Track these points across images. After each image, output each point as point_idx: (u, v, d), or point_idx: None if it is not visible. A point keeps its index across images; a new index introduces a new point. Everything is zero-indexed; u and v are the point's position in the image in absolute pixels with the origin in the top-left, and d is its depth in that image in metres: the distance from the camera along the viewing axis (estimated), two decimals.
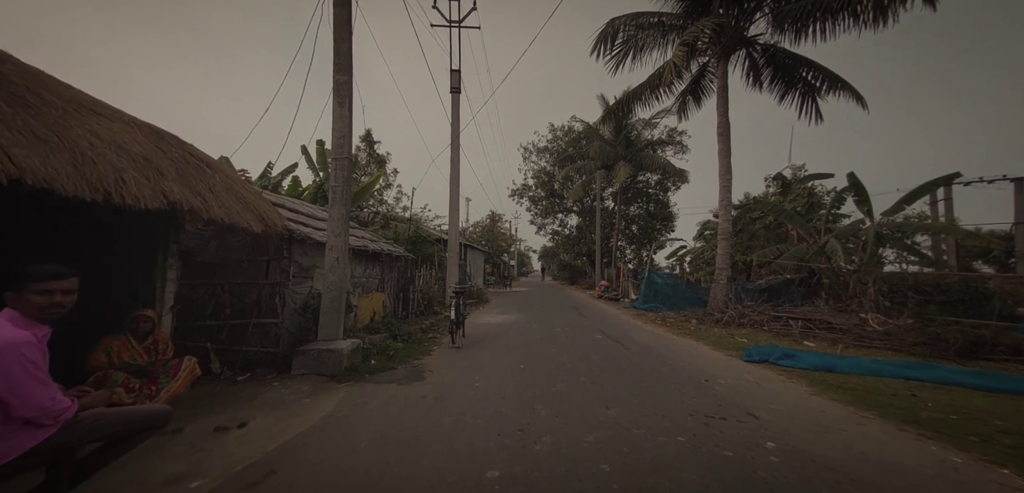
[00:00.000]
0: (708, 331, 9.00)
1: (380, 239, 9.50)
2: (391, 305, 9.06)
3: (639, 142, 26.64)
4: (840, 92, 11.45)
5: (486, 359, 6.04)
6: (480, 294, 17.46)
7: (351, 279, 7.18)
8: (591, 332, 8.83)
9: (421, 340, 7.26)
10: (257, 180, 12.47)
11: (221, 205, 3.62)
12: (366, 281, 7.78)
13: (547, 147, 31.40)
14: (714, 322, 9.88)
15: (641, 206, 30.74)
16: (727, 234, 11.94)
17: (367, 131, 16.94)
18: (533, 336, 8.14)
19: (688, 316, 11.06)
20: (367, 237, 8.53)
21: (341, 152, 5.33)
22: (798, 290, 12.02)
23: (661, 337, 8.36)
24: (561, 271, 41.27)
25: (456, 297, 7.24)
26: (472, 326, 9.58)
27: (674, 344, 7.53)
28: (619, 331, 9.04)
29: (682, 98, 14.68)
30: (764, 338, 7.97)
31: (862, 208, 10.66)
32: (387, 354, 5.89)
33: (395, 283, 9.29)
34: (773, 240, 14.70)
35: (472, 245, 26.02)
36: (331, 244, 5.29)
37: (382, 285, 8.57)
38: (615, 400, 4.14)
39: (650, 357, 6.30)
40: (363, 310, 7.50)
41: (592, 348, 6.94)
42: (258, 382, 4.46)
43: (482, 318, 11.28)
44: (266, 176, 12.62)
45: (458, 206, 14.14)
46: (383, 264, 8.60)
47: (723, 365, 5.85)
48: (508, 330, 8.94)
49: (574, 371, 5.34)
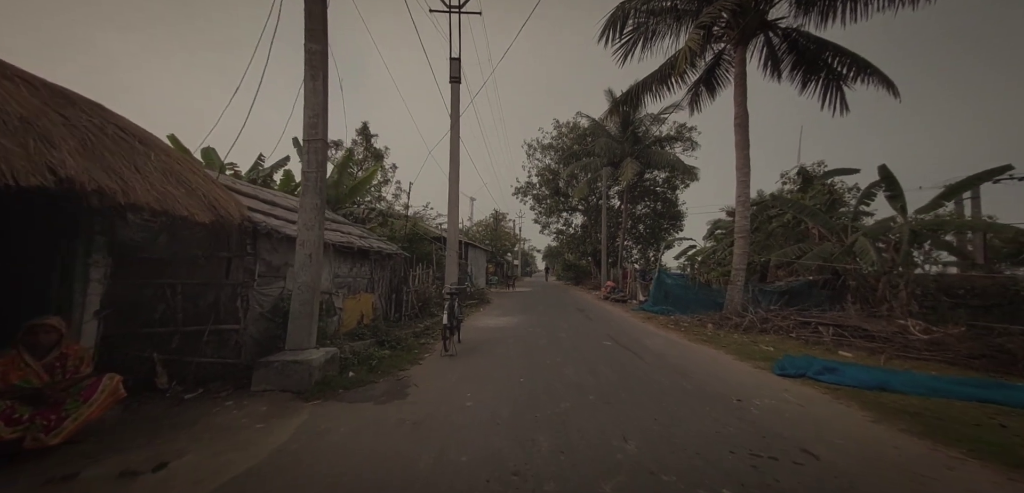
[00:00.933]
0: (727, 337, 8.22)
1: (371, 235, 8.83)
2: (382, 307, 8.38)
3: (647, 138, 25.79)
4: (869, 79, 10.59)
5: (481, 370, 5.33)
6: (481, 295, 16.75)
7: (335, 279, 6.51)
8: (598, 337, 8.09)
9: (411, 346, 6.57)
10: (247, 174, 11.87)
11: (150, 188, 2.95)
12: (353, 281, 7.11)
13: (552, 144, 30.63)
14: (733, 327, 9.09)
15: (648, 205, 29.87)
16: (745, 232, 11.13)
17: (363, 124, 16.31)
18: (535, 342, 7.42)
19: (703, 320, 10.27)
20: (355, 233, 7.87)
21: (314, 133, 4.64)
22: (821, 293, 11.19)
23: (676, 344, 7.60)
24: (565, 271, 40.49)
25: (450, 298, 6.53)
26: (470, 330, 8.88)
27: (692, 353, 6.77)
28: (629, 336, 8.28)
29: (694, 89, 13.87)
30: (792, 347, 7.18)
31: (894, 204, 9.80)
32: (369, 364, 5.20)
33: (387, 283, 8.61)
34: (792, 239, 13.84)
35: (474, 244, 25.34)
36: (303, 238, 4.61)
37: (372, 285, 7.89)
38: (633, 428, 3.40)
39: (667, 369, 5.55)
40: (349, 313, 6.82)
41: (601, 357, 6.20)
42: (210, 400, 3.78)
43: (481, 321, 10.58)
44: (257, 169, 12.01)
45: (457, 202, 13.44)
46: (373, 262, 7.92)
47: (754, 380, 5.08)
48: (508, 334, 8.22)
49: (581, 387, 4.61)
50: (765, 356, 6.42)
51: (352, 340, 6.05)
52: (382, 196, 16.89)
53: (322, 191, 4.73)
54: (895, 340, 6.78)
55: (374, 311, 7.84)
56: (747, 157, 11.21)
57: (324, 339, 5.44)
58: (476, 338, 7.78)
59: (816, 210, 11.70)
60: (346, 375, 4.70)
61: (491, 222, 41.63)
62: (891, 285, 9.79)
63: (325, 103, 4.71)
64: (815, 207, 11.84)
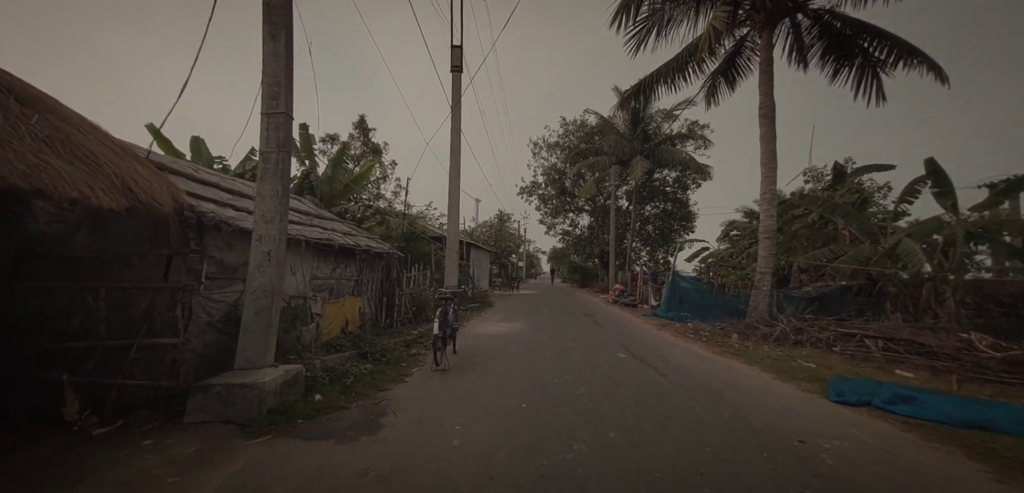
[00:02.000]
0: (758, 350, 7.28)
1: (360, 232, 8.03)
2: (372, 312, 7.58)
3: (657, 136, 24.80)
4: (912, 65, 9.58)
5: (477, 391, 4.48)
6: (483, 297, 15.91)
7: (313, 281, 5.71)
8: (611, 348, 7.20)
9: (399, 358, 5.74)
10: (237, 169, 11.15)
11: (18, 160, 2.17)
12: (336, 283, 6.30)
13: (558, 143, 29.74)
14: (761, 338, 8.14)
15: (657, 205, 28.84)
16: (771, 232, 10.16)
17: (361, 118, 15.53)
18: (540, 353, 6.55)
19: (726, 329, 9.32)
20: (340, 229, 7.09)
21: (275, 105, 3.84)
22: (856, 300, 10.18)
23: (701, 358, 6.68)
24: (571, 273, 39.53)
25: (444, 304, 5.69)
26: (469, 337, 8.04)
27: (723, 370, 5.85)
28: (646, 347, 7.38)
29: (712, 80, 12.91)
30: (837, 363, 6.23)
31: (943, 201, 8.79)
32: (343, 383, 4.37)
33: (378, 285, 7.81)
34: (818, 241, 12.81)
35: (477, 244, 24.53)
36: (260, 233, 3.80)
37: (359, 288, 7.09)
38: (673, 487, 2.53)
39: (699, 391, 4.65)
40: (330, 319, 6.01)
41: (617, 375, 5.32)
42: (124, 438, 2.98)
43: (482, 326, 9.74)
44: (248, 161, 11.29)
45: (458, 199, 12.62)
46: (360, 262, 7.12)
47: (808, 409, 4.17)
48: (511, 344, 7.37)
49: (597, 417, 3.74)
50: (809, 375, 5.49)
51: (330, 352, 5.24)
52: (381, 194, 16.15)
53: (285, 176, 3.92)
54: (962, 358, 5.80)
55: (361, 317, 7.03)
56: (774, 151, 10.25)
57: (294, 352, 4.64)
58: (474, 348, 6.94)
59: (850, 209, 10.68)
60: (311, 399, 3.88)
61: (496, 223, 40.86)
62: (937, 292, 8.78)
63: (289, 69, 3.90)
64: (848, 206, 10.81)
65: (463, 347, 7.02)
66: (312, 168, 11.47)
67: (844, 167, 12.34)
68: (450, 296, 6.10)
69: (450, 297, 6.06)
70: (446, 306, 5.73)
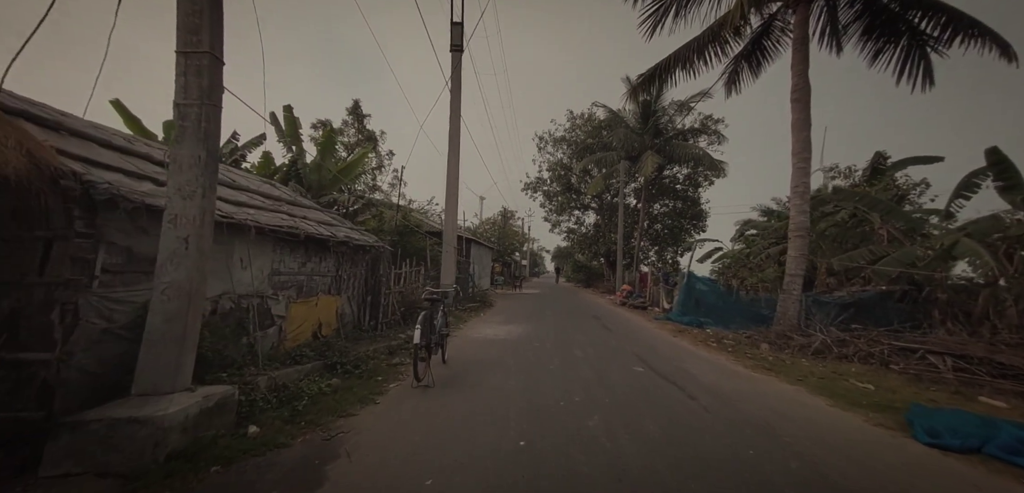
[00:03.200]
0: (796, 364, 6.26)
1: (342, 223, 7.10)
2: (353, 313, 6.65)
3: (669, 130, 23.66)
4: (972, 41, 8.43)
5: (462, 419, 3.53)
6: (484, 297, 14.99)
7: (275, 277, 4.78)
8: (625, 359, 6.21)
9: (376, 370, 4.80)
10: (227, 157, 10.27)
11: None
12: (306, 280, 5.38)
13: (564, 137, 28.67)
14: (797, 350, 7.10)
15: (667, 203, 27.70)
16: (803, 230, 9.09)
17: (355, 102, 14.55)
18: (543, 366, 5.58)
19: (753, 337, 8.28)
20: (315, 217, 6.14)
21: (195, 41, 2.89)
22: (898, 307, 9.10)
23: (733, 374, 5.67)
24: (576, 272, 38.48)
25: (430, 306, 4.75)
26: (464, 342, 7.10)
27: (764, 391, 4.84)
28: (665, 359, 6.38)
29: (734, 65, 11.83)
30: (897, 385, 5.21)
31: (1009, 196, 7.67)
32: (294, 407, 3.44)
33: (361, 283, 6.88)
34: (849, 241, 11.69)
35: (478, 240, 23.60)
36: (174, 212, 2.87)
37: (337, 286, 6.16)
38: None
39: (743, 424, 3.66)
40: (297, 322, 5.09)
41: (636, 397, 4.34)
42: None
43: (479, 329, 8.79)
44: (231, 145, 10.39)
45: (457, 190, 11.69)
46: (339, 256, 6.19)
47: (899, 458, 3.16)
48: (509, 352, 6.41)
49: (619, 465, 2.77)
50: (872, 401, 4.47)
51: (291, 363, 4.30)
52: (377, 185, 15.27)
53: (209, 141, 2.98)
54: None
55: (339, 319, 6.10)
56: (807, 139, 9.17)
57: (236, 367, 3.72)
58: (468, 356, 5.99)
59: (892, 205, 9.57)
60: (242, 432, 2.95)
61: (499, 220, 39.92)
62: (996, 300, 7.69)
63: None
64: (891, 202, 9.69)
65: (456, 355, 6.08)
66: (299, 155, 10.57)
67: (885, 158, 11.14)
68: (438, 297, 5.15)
69: (438, 298, 5.11)
70: (432, 309, 4.78)
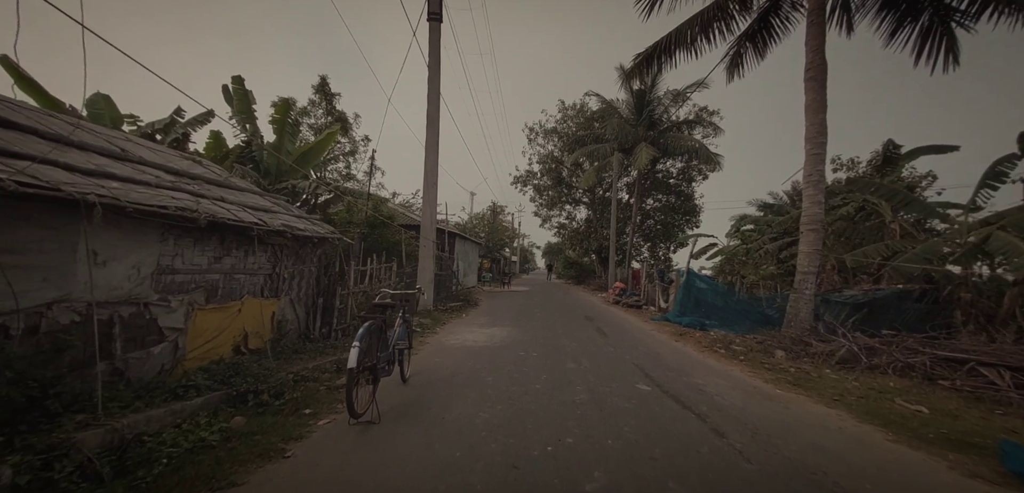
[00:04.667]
0: (822, 377, 5.35)
1: (285, 209, 5.91)
2: (299, 318, 5.50)
3: (663, 122, 22.81)
4: (1006, 12, 7.62)
5: (405, 486, 2.46)
6: (468, 296, 13.90)
7: (165, 277, 3.61)
8: (626, 372, 5.22)
9: (308, 398, 3.69)
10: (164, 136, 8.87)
11: None
12: (222, 279, 4.20)
13: (556, 129, 27.65)
14: (819, 358, 6.20)
15: (660, 198, 26.96)
16: (817, 223, 8.23)
17: (322, 79, 13.14)
18: (528, 383, 4.55)
19: (766, 343, 7.38)
20: (252, 201, 4.94)
21: None
22: (916, 307, 8.33)
23: (756, 393, 4.71)
24: (567, 269, 37.58)
25: (381, 315, 3.65)
26: (437, 350, 6.02)
27: (802, 419, 3.89)
28: (672, 371, 5.40)
29: (737, 46, 10.91)
30: (954, 405, 4.32)
31: None
32: (135, 482, 2.32)
33: (310, 282, 5.73)
34: (857, 236, 10.95)
35: (464, 235, 22.45)
36: None
37: (274, 286, 5.00)
38: None
39: (794, 478, 2.68)
40: (209, 335, 3.92)
41: (647, 434, 3.33)
42: None
43: (459, 333, 7.71)
44: (172, 125, 9.02)
45: (436, 179, 10.54)
46: (277, 250, 5.03)
47: None
48: (488, 365, 5.35)
49: None
50: (936, 432, 3.56)
51: (174, 397, 3.12)
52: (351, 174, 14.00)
53: None
54: None
55: (276, 327, 4.94)
56: (823, 122, 8.29)
57: (69, 412, 2.57)
58: (436, 370, 4.91)
59: (910, 196, 8.77)
60: None
61: (488, 215, 38.81)
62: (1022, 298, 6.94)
63: None
64: (910, 193, 8.90)
65: (423, 369, 5.00)
66: (253, 135, 9.29)
67: (896, 147, 10.35)
68: (396, 302, 4.05)
69: (396, 303, 4.01)
70: (385, 318, 3.68)
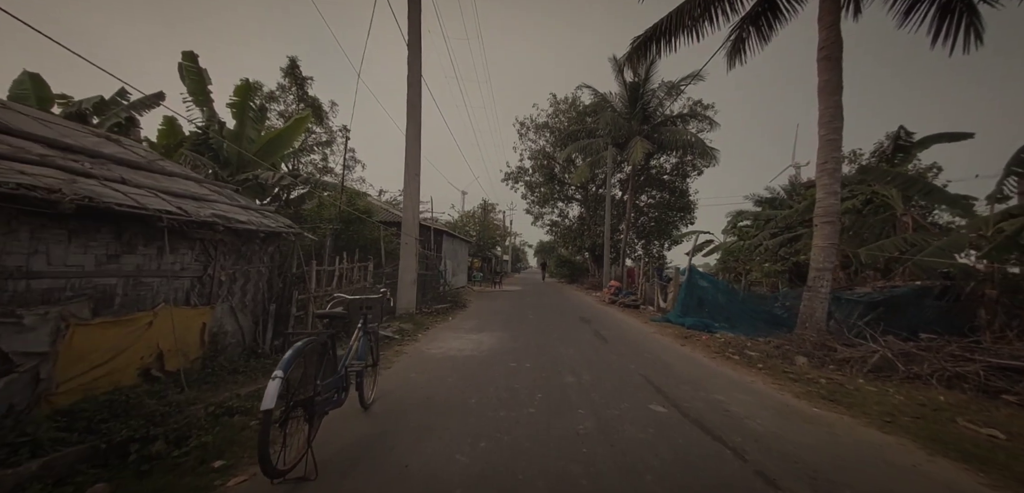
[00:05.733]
0: (859, 390, 4.63)
1: (224, 194, 4.95)
2: (244, 330, 4.57)
3: (657, 116, 22.18)
4: None
5: None
6: (456, 297, 13.02)
7: (20, 284, 2.68)
8: (635, 389, 4.42)
9: (224, 443, 2.81)
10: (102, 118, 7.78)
11: None
12: (124, 285, 3.28)
13: (547, 123, 26.86)
14: (848, 366, 5.49)
15: (653, 194, 26.39)
16: (833, 215, 7.58)
17: (291, 61, 12.04)
18: (519, 408, 3.71)
19: (783, 347, 6.65)
20: (179, 187, 3.98)
21: None
22: (936, 305, 7.75)
23: (793, 414, 3.95)
24: (559, 268, 36.88)
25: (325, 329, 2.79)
26: (415, 362, 5.14)
27: (858, 451, 3.13)
28: (688, 387, 4.62)
29: (739, 30, 10.24)
30: (1014, 420, 3.62)
31: None
32: None
33: (260, 284, 4.80)
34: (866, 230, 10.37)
35: (453, 233, 21.54)
36: None
37: (208, 290, 4.07)
38: None
39: None
40: (98, 359, 3.00)
41: (674, 480, 2.53)
42: None
43: (443, 339, 6.84)
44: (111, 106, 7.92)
45: (418, 170, 9.63)
46: (210, 247, 4.10)
47: None
48: (472, 382, 4.50)
49: None
50: None
51: (4, 457, 2.20)
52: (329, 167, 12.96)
53: None
54: None
55: (207, 342, 4.01)
56: (838, 104, 7.63)
57: None
58: (409, 390, 4.05)
59: (932, 186, 8.16)
60: None
61: (479, 213, 37.88)
62: None
63: None
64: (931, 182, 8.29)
65: (394, 387, 4.13)
66: (210, 120, 8.26)
67: (909, 134, 9.74)
68: (351, 311, 3.16)
69: (348, 314, 3.12)
70: (327, 335, 2.80)
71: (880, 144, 12.52)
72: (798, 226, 13.55)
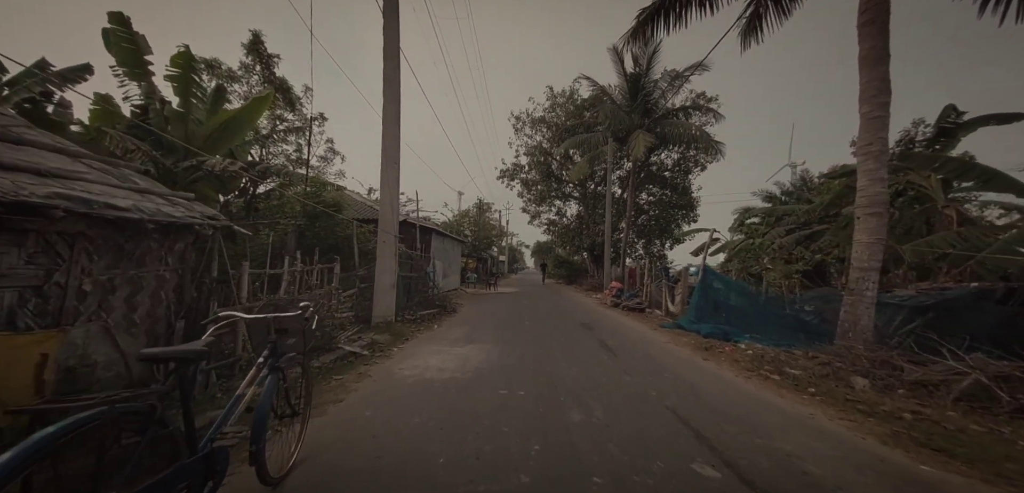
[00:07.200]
0: (966, 432, 3.50)
1: (116, 170, 3.71)
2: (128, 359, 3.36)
3: (659, 108, 21.11)
4: None
5: None
6: (445, 300, 11.83)
7: None
8: (664, 432, 3.25)
9: None
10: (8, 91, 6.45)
11: None
12: None
13: (544, 118, 25.73)
14: (927, 395, 4.36)
15: (654, 192, 25.34)
16: (880, 204, 6.46)
17: (254, 35, 10.73)
18: (509, 469, 2.54)
19: (833, 364, 5.52)
20: (12, 156, 2.80)
21: None
22: (997, 310, 6.65)
23: (902, 476, 2.80)
24: (557, 268, 35.73)
25: (166, 379, 1.61)
26: (380, 388, 3.92)
27: None
28: (737, 430, 3.46)
29: (756, 6, 9.17)
30: None
31: None
32: None
33: (167, 294, 3.58)
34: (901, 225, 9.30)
35: (444, 232, 20.31)
36: None
37: (60, 304, 2.86)
38: None
39: None
40: None
41: None
42: None
43: (420, 355, 5.63)
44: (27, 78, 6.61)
45: (398, 157, 8.43)
46: (68, 242, 2.88)
47: None
48: (449, 423, 3.32)
49: None
50: None
51: None
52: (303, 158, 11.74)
53: None
54: None
55: (54, 382, 2.79)
56: (885, 76, 6.52)
57: None
58: (355, 440, 2.86)
59: (994, 172, 7.07)
60: None
61: (474, 212, 36.70)
62: None
63: None
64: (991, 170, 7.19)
65: (334, 437, 2.93)
66: (149, 96, 7.01)
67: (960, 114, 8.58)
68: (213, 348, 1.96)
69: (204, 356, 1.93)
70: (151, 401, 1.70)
71: (906, 132, 11.48)
72: (817, 222, 12.49)
